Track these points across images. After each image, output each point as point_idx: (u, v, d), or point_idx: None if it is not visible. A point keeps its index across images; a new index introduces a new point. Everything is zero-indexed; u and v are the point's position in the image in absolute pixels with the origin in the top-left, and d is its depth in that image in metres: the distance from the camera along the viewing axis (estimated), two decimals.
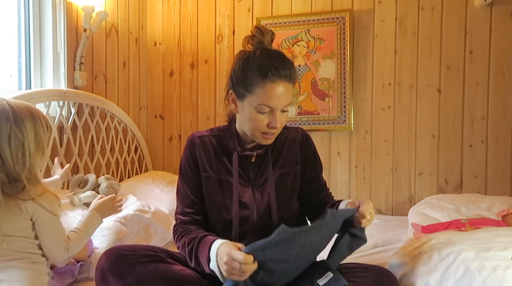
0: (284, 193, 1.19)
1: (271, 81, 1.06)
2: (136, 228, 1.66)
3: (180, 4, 2.90)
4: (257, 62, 1.07)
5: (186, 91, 2.91)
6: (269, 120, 1.09)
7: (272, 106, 1.08)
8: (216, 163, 1.19)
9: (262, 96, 1.07)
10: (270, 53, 1.09)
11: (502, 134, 2.36)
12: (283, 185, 1.19)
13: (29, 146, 1.05)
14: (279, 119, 1.09)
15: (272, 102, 1.07)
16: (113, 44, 2.59)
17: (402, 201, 2.52)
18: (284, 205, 1.19)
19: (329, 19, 2.57)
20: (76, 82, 2.19)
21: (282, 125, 1.14)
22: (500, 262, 1.01)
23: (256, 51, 1.10)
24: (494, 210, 1.85)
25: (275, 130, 1.12)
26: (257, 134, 1.13)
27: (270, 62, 1.06)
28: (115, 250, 1.07)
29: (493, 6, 2.35)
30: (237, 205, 1.15)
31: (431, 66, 2.45)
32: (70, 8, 2.14)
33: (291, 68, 1.09)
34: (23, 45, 2.03)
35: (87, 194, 1.79)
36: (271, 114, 1.09)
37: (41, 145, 1.08)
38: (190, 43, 2.88)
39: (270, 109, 1.08)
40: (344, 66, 2.55)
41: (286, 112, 1.13)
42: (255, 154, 1.19)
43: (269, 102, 1.07)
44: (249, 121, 1.12)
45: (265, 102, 1.07)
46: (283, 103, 1.08)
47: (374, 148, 2.56)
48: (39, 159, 1.09)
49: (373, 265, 1.12)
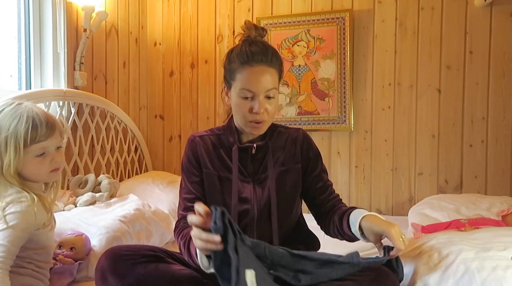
0: (285, 191, 1.19)
1: (249, 66, 1.11)
2: (136, 227, 1.65)
3: (180, 4, 2.90)
4: (238, 51, 1.14)
5: (186, 91, 2.91)
6: (252, 106, 1.11)
7: (252, 90, 1.10)
8: (217, 160, 1.21)
9: (242, 81, 1.11)
10: (252, 42, 1.14)
11: (502, 134, 2.36)
12: (284, 182, 1.20)
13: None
14: (262, 105, 1.11)
15: (252, 86, 1.10)
16: (113, 44, 2.59)
17: (402, 201, 2.52)
18: (285, 203, 1.19)
19: (329, 19, 2.57)
20: (76, 82, 2.19)
21: (270, 113, 1.14)
22: (500, 262, 1.01)
23: (240, 42, 1.17)
24: (494, 210, 1.85)
25: (260, 117, 1.12)
26: (245, 123, 1.15)
27: (249, 48, 1.12)
28: (115, 250, 1.07)
29: (493, 6, 2.35)
30: (236, 198, 1.16)
31: (431, 66, 2.45)
32: (70, 8, 2.14)
33: (272, 54, 1.13)
34: (23, 45, 2.03)
35: (84, 198, 1.79)
36: (254, 100, 1.11)
37: (14, 140, 1.07)
38: (190, 43, 2.88)
39: (252, 94, 1.11)
40: (344, 66, 2.55)
41: (273, 99, 1.14)
42: (254, 145, 1.19)
43: (249, 86, 1.10)
44: (236, 110, 1.15)
45: (245, 86, 1.11)
46: (263, 87, 1.10)
47: (374, 148, 2.56)
48: (8, 155, 1.07)
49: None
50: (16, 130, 1.08)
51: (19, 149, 1.08)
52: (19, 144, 1.08)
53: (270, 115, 1.15)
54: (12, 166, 1.08)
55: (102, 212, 1.70)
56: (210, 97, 2.86)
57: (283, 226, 1.20)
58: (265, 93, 1.11)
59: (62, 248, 1.38)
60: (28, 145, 1.09)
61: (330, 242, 1.88)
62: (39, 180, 1.16)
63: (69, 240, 1.40)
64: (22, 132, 1.08)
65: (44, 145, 1.11)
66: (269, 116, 1.15)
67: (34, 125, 1.10)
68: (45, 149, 1.12)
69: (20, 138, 1.08)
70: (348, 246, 1.81)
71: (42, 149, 1.11)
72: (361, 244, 1.83)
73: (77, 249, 1.39)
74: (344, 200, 2.63)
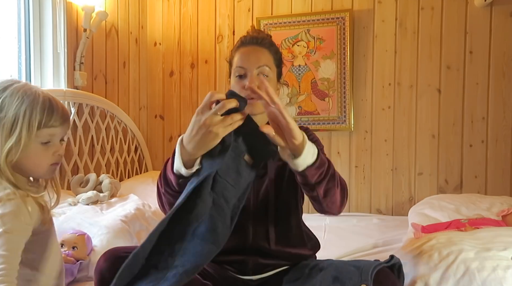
0: (283, 186, 1.18)
1: (243, 46, 1.17)
2: (136, 227, 1.65)
3: (180, 4, 2.90)
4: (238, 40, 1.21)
5: (186, 91, 2.91)
6: (245, 83, 1.12)
7: (243, 66, 1.13)
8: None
9: (236, 60, 1.16)
10: (251, 32, 1.21)
11: (502, 134, 2.36)
12: (282, 177, 1.17)
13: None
14: (254, 80, 1.12)
15: (243, 62, 1.13)
16: (113, 44, 2.59)
17: (402, 201, 2.52)
18: (283, 198, 1.17)
19: (329, 19, 2.57)
20: (76, 82, 2.19)
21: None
22: (500, 262, 1.01)
23: None
24: (494, 210, 1.85)
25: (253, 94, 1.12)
26: None
27: (244, 36, 1.19)
28: (114, 252, 1.06)
29: (493, 6, 2.35)
30: None
31: (431, 66, 2.45)
32: (70, 8, 2.14)
33: (263, 38, 1.18)
34: (23, 45, 2.03)
35: (88, 194, 1.80)
36: (247, 77, 1.13)
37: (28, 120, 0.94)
38: (190, 43, 2.88)
39: (244, 71, 1.13)
40: (344, 66, 2.55)
41: (267, 78, 1.14)
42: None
43: (241, 63, 1.14)
44: (233, 88, 1.16)
45: (237, 64, 1.14)
46: (253, 63, 1.13)
47: (374, 148, 2.56)
48: (13, 138, 0.93)
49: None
50: (31, 109, 0.94)
51: (32, 130, 0.94)
52: (32, 125, 0.94)
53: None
54: (13, 151, 0.93)
55: (104, 212, 1.70)
56: None
57: (281, 222, 1.17)
58: (257, 70, 1.12)
59: (64, 246, 1.38)
60: (41, 127, 0.95)
61: (330, 242, 1.89)
62: (37, 173, 1.01)
63: (71, 239, 1.40)
64: (38, 111, 0.94)
65: (54, 131, 0.98)
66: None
67: (51, 108, 0.97)
68: (52, 137, 0.99)
69: (35, 119, 0.94)
70: (349, 246, 1.81)
71: (50, 136, 0.98)
72: (360, 244, 1.84)
73: (79, 248, 1.39)
74: None
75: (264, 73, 1.13)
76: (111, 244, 1.43)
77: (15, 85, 0.97)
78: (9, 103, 0.94)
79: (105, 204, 1.81)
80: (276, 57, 1.19)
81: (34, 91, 0.97)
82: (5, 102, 0.94)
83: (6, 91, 0.96)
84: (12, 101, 0.94)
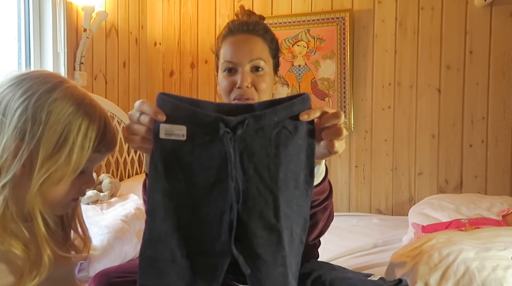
0: None
1: (231, 35, 0.98)
2: (136, 227, 1.65)
3: (180, 4, 2.90)
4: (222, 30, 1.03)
5: (186, 91, 2.91)
6: (235, 80, 0.94)
7: (233, 61, 0.95)
8: None
9: (224, 53, 0.98)
10: (240, 15, 1.05)
11: (502, 134, 2.36)
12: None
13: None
14: (246, 77, 0.93)
15: (233, 56, 0.95)
16: (113, 44, 2.59)
17: (402, 201, 2.52)
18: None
19: (329, 19, 2.57)
20: (76, 82, 2.18)
21: (260, 89, 0.95)
22: (500, 262, 1.01)
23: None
24: (494, 210, 1.86)
25: (245, 93, 0.93)
26: (230, 101, 0.97)
27: (231, 23, 1.01)
28: (105, 276, 0.92)
29: (493, 6, 2.35)
30: None
31: (431, 66, 2.45)
32: (70, 8, 2.14)
33: (255, 24, 0.99)
34: (23, 45, 2.03)
35: (88, 194, 1.80)
36: (238, 73, 0.95)
37: (82, 138, 0.68)
38: (190, 43, 2.88)
39: (234, 65, 0.95)
40: (344, 66, 2.55)
41: (262, 72, 0.96)
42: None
43: (230, 57, 0.95)
44: (220, 89, 0.99)
45: (226, 58, 0.96)
46: (245, 56, 0.94)
47: (374, 148, 2.56)
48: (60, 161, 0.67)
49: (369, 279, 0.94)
50: (88, 122, 0.69)
51: (86, 150, 0.69)
52: (88, 145, 0.69)
53: (260, 92, 0.95)
54: (56, 176, 0.66)
55: (104, 212, 1.70)
56: (210, 97, 2.86)
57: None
58: (250, 64, 0.94)
59: None
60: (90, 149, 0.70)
61: (330, 242, 1.88)
62: (50, 208, 0.72)
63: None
64: (95, 130, 0.70)
65: (96, 157, 0.74)
66: (258, 93, 0.95)
67: (106, 127, 0.73)
68: (91, 164, 0.74)
69: (91, 138, 0.69)
70: (349, 246, 1.81)
71: (90, 162, 0.73)
72: (360, 244, 1.84)
73: None
74: (344, 200, 2.65)
75: (258, 68, 0.95)
76: (111, 244, 1.43)
77: (66, 86, 0.71)
78: (60, 109, 0.67)
79: (105, 203, 1.82)
80: (272, 46, 1.01)
81: (90, 101, 0.72)
82: (51, 108, 0.66)
83: (55, 92, 0.68)
84: (63, 108, 0.67)
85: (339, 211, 2.53)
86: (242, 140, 0.66)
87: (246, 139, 0.66)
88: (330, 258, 1.59)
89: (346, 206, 2.60)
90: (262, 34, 0.99)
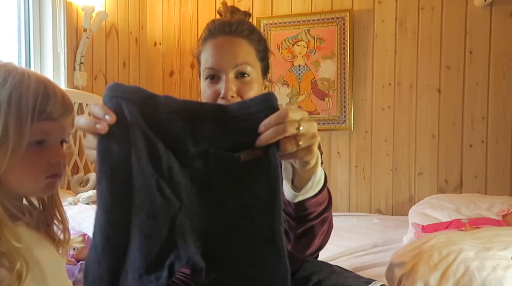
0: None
1: (211, 38, 0.87)
2: None
3: (180, 4, 2.90)
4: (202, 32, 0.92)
5: (186, 91, 2.91)
6: (219, 89, 0.84)
7: (215, 67, 0.84)
8: None
9: (205, 59, 0.87)
10: (223, 13, 0.96)
11: (502, 134, 2.36)
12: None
13: None
14: (230, 86, 0.83)
15: (215, 62, 0.85)
16: (113, 44, 2.59)
17: (402, 201, 2.52)
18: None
19: (329, 19, 2.57)
20: (76, 82, 2.19)
21: (247, 97, 0.83)
22: (500, 261, 1.01)
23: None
24: (494, 210, 1.86)
25: (230, 102, 0.82)
26: None
27: (212, 23, 0.90)
28: None
29: (493, 6, 2.35)
30: None
31: (431, 66, 2.45)
32: (70, 8, 2.14)
33: (240, 22, 0.88)
34: (23, 45, 2.03)
35: (88, 194, 1.80)
36: (221, 81, 0.85)
37: (16, 110, 0.62)
38: (190, 43, 2.88)
39: (216, 72, 0.85)
40: (344, 66, 2.55)
41: (248, 78, 0.85)
42: None
43: (211, 63, 0.85)
44: (203, 96, 0.89)
45: (207, 65, 0.86)
46: (229, 62, 0.84)
47: (374, 148, 2.56)
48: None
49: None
50: (19, 93, 0.63)
51: (23, 123, 0.62)
52: (23, 116, 0.62)
53: (246, 97, 0.85)
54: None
55: None
56: None
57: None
58: (234, 70, 0.84)
59: None
60: (34, 120, 0.64)
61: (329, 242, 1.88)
62: (24, 189, 0.68)
63: (72, 240, 1.39)
64: (30, 98, 0.63)
65: (50, 127, 0.66)
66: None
67: (46, 92, 0.66)
68: (47, 135, 0.67)
69: (27, 108, 0.63)
70: (348, 246, 1.81)
71: (45, 132, 0.66)
72: (360, 243, 1.84)
73: (79, 249, 1.39)
74: (344, 200, 2.65)
75: (244, 74, 0.85)
76: None
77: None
78: None
79: None
80: (259, 48, 0.90)
81: (22, 71, 0.66)
82: None
83: None
84: None
85: (339, 211, 2.53)
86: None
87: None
88: (330, 258, 1.59)
89: (346, 206, 2.60)
90: (247, 35, 0.88)
